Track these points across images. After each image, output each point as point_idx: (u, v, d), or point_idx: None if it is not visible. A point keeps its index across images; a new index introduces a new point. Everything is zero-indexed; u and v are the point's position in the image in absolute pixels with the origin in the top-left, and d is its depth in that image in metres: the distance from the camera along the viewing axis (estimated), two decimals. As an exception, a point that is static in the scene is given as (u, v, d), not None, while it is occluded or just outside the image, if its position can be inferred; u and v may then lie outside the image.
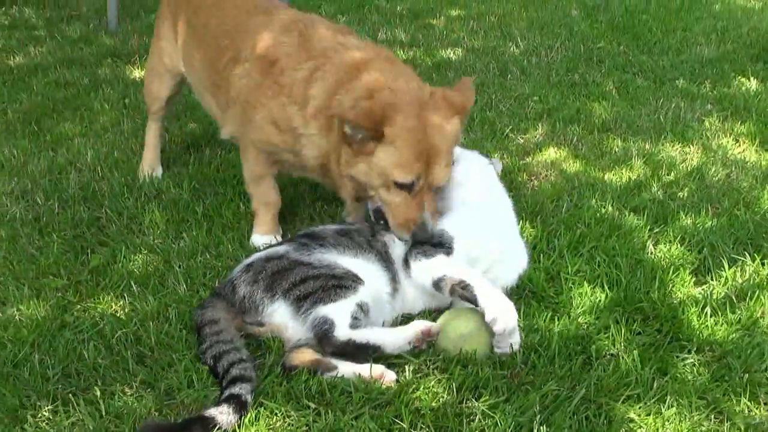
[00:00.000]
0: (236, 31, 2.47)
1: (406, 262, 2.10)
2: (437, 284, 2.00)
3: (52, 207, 2.57)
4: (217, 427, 1.64)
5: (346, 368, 1.83)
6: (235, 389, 1.73)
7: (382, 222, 2.19)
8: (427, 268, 2.04)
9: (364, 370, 1.82)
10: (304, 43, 2.29)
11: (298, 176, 2.62)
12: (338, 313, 1.88)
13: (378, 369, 1.83)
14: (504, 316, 1.86)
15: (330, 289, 1.93)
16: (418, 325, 1.92)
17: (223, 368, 1.79)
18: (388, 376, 1.82)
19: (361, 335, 1.87)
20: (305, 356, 1.83)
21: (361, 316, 1.91)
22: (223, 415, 1.67)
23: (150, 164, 2.97)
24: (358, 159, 2.10)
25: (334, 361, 1.84)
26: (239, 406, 1.70)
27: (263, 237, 2.43)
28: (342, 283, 1.94)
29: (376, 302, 2.00)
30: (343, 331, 1.86)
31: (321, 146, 2.23)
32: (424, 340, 1.90)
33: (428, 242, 2.09)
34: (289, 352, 1.88)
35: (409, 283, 2.10)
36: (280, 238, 2.42)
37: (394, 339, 1.90)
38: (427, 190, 2.12)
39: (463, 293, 1.94)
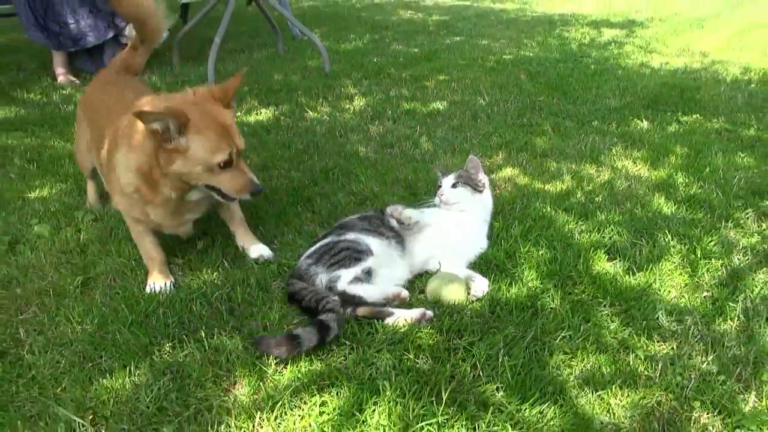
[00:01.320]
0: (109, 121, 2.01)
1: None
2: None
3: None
4: (299, 342, 1.63)
5: (400, 313, 1.82)
6: (323, 317, 1.72)
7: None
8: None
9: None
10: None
11: (170, 234, 2.11)
12: (346, 274, 1.87)
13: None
14: None
15: (349, 258, 1.91)
16: (393, 289, 1.90)
17: (323, 306, 1.77)
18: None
19: (352, 289, 1.85)
20: (366, 310, 1.82)
21: (363, 277, 1.88)
22: (307, 334, 1.65)
23: (92, 199, 2.60)
24: (174, 157, 1.76)
25: (390, 309, 1.84)
26: (323, 328, 1.68)
27: (155, 284, 2.01)
28: (358, 256, 1.92)
29: (388, 262, 1.98)
30: (341, 285, 1.85)
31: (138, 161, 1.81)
32: (394, 300, 1.88)
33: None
34: (356, 307, 1.84)
35: (415, 249, 2.08)
36: (170, 284, 2.03)
37: (373, 293, 1.86)
38: (238, 157, 1.84)
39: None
